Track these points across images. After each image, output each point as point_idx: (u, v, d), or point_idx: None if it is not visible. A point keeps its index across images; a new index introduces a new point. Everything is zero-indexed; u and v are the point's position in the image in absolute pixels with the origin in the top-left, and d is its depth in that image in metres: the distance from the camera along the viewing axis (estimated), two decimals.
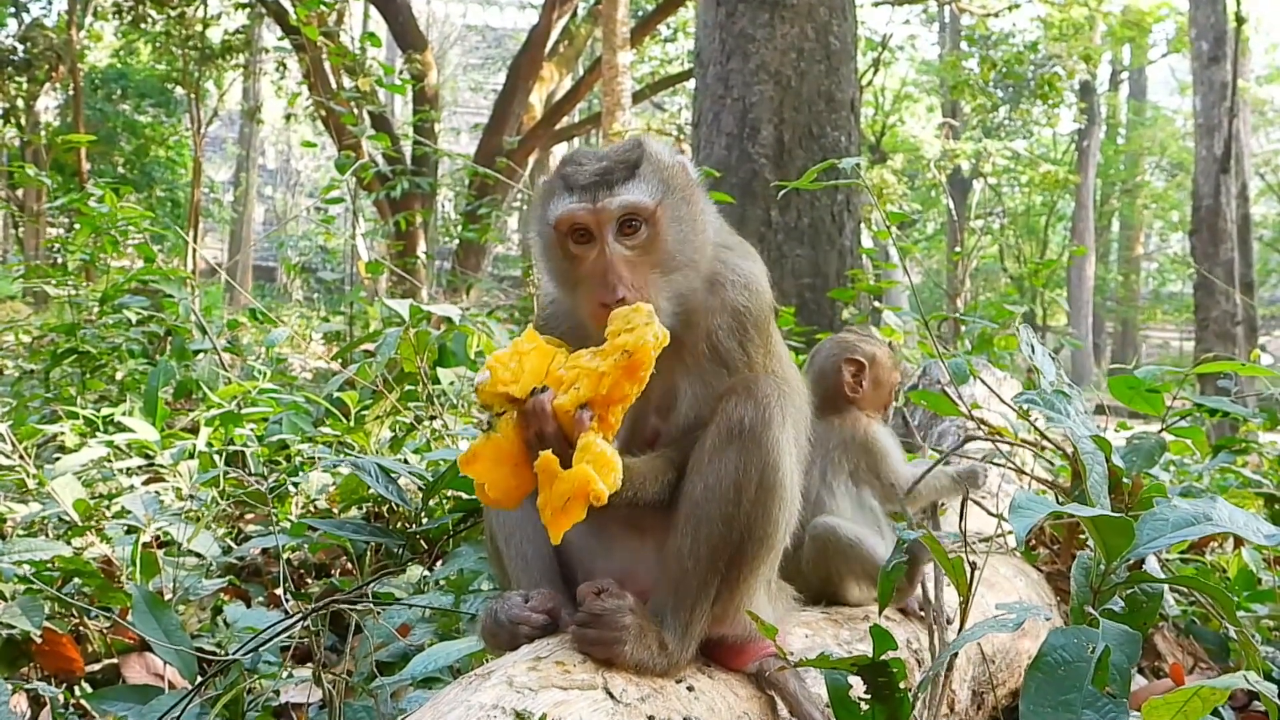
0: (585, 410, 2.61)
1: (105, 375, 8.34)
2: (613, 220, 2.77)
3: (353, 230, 12.10)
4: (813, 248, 11.56)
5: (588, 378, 2.63)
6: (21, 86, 27.79)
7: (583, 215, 2.78)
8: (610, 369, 2.60)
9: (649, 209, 2.79)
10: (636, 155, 2.85)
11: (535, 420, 2.64)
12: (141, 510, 4.63)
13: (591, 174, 2.81)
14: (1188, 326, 46.78)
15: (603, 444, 2.58)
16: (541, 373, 2.71)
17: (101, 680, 4.12)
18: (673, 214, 2.84)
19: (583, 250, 2.81)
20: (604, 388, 2.61)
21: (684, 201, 2.88)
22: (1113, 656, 2.21)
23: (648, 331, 2.62)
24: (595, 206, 2.77)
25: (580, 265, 2.81)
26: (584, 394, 2.62)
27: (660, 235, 2.80)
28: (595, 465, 2.53)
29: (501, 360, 2.74)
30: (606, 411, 2.62)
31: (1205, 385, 11.45)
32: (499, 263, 38.94)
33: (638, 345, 2.60)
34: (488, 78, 57.21)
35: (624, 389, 2.61)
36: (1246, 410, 5.46)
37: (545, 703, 2.33)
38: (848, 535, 3.75)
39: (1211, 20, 21.38)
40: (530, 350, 2.76)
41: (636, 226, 2.78)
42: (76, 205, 8.72)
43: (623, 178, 2.80)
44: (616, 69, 16.47)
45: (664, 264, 2.81)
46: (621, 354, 2.60)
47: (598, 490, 2.51)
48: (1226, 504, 2.57)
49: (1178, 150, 49.69)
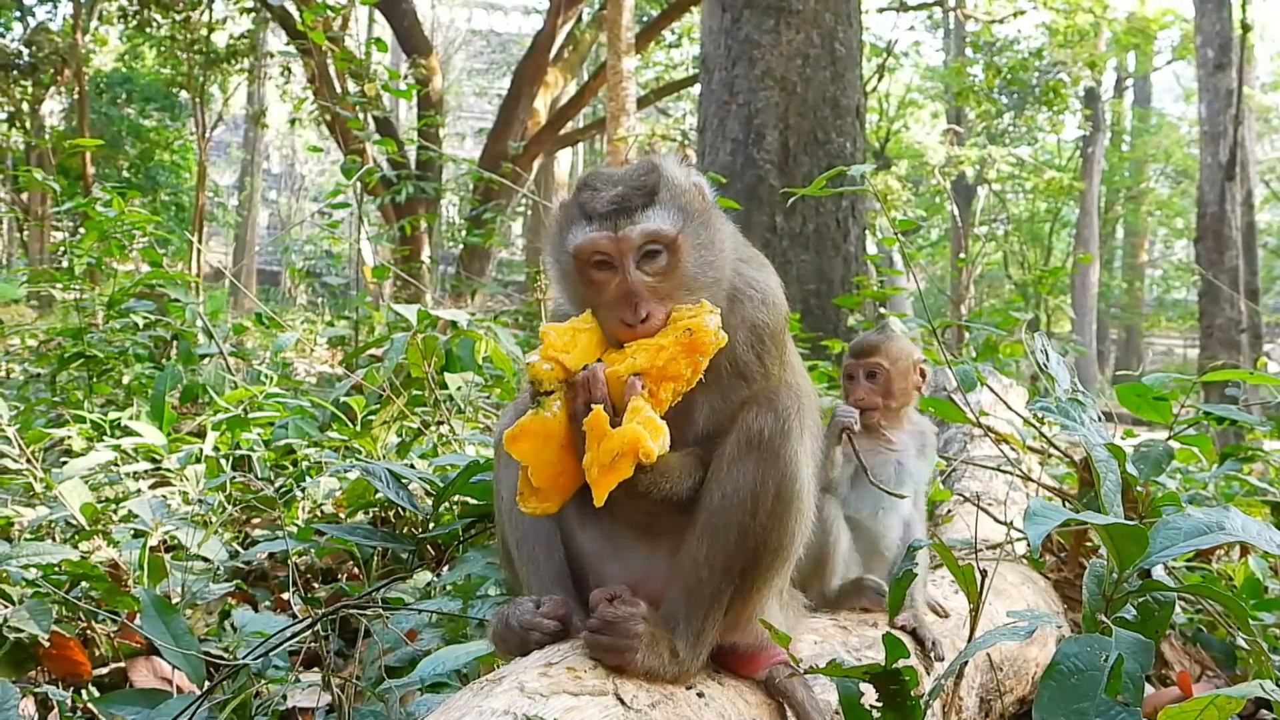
0: (638, 378, 2.63)
1: (112, 379, 8.35)
2: (634, 249, 2.75)
3: (358, 235, 12.11)
4: (818, 253, 11.58)
5: (645, 350, 2.65)
6: (27, 90, 27.82)
7: (604, 244, 2.76)
8: (670, 344, 2.63)
9: (670, 237, 2.76)
10: (654, 180, 2.82)
11: (586, 388, 2.65)
12: (149, 514, 4.63)
13: (609, 201, 2.78)
14: (1192, 333, 46.76)
15: (650, 410, 2.60)
16: (595, 353, 2.73)
17: (109, 684, 4.12)
18: (693, 240, 2.82)
19: (604, 277, 2.79)
20: (661, 359, 2.63)
21: (703, 226, 2.86)
22: (1125, 665, 2.21)
23: (711, 320, 2.65)
24: (616, 236, 2.75)
25: (602, 291, 2.79)
26: (640, 364, 2.64)
27: (681, 261, 2.78)
28: (645, 426, 2.55)
29: (556, 329, 2.75)
30: (659, 386, 2.64)
31: (1211, 393, 11.43)
32: (503, 267, 39.02)
33: (700, 327, 2.62)
34: (492, 83, 57.24)
35: (680, 366, 2.63)
36: (1253, 418, 5.46)
37: (556, 708, 2.33)
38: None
39: (1217, 27, 21.37)
40: (586, 330, 2.78)
41: (657, 254, 2.76)
42: (83, 209, 8.74)
43: (642, 204, 2.77)
44: (621, 74, 16.47)
45: (686, 286, 2.79)
46: (684, 332, 2.63)
47: (648, 448, 2.53)
48: (1239, 513, 2.57)
49: (1182, 157, 49.64)
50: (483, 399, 7.06)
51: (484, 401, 7.09)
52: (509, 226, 35.08)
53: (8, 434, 5.35)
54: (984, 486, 5.67)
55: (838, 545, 3.78)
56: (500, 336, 7.08)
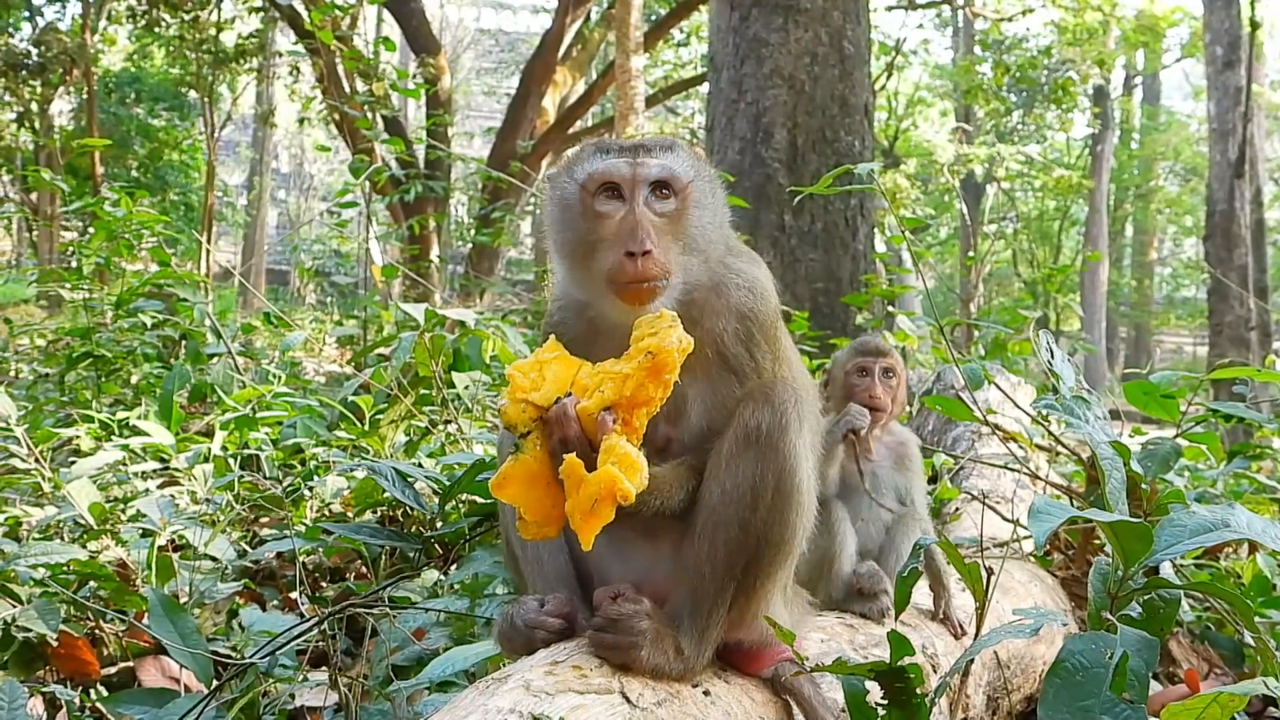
0: (608, 413, 2.61)
1: (120, 379, 8.36)
2: (648, 181, 2.82)
3: (366, 234, 12.11)
4: (826, 252, 11.56)
5: (612, 381, 2.63)
6: (36, 90, 27.85)
7: (620, 170, 2.82)
8: (634, 371, 2.61)
9: (683, 181, 2.87)
10: (672, 141, 2.95)
11: (559, 427, 2.64)
12: (157, 514, 4.64)
13: (628, 143, 2.89)
14: (1201, 332, 46.67)
15: (626, 445, 2.58)
16: (566, 382, 2.71)
17: (117, 684, 4.13)
18: (699, 196, 2.91)
19: (610, 209, 2.83)
20: (628, 389, 2.61)
21: (710, 191, 2.97)
22: (1131, 662, 2.20)
23: (672, 335, 2.62)
24: (635, 162, 2.83)
25: (604, 224, 2.83)
26: (608, 397, 2.62)
27: (687, 211, 2.86)
28: (621, 466, 2.53)
29: (521, 369, 2.73)
30: (631, 415, 2.62)
31: (1219, 390, 11.41)
32: (512, 267, 39.02)
33: (661, 347, 2.60)
34: (501, 82, 57.22)
35: (648, 391, 2.61)
36: (1262, 416, 5.45)
37: (562, 707, 2.33)
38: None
39: (1226, 25, 21.34)
40: (552, 360, 2.76)
41: (669, 194, 2.84)
42: (92, 209, 8.75)
43: (661, 149, 2.89)
44: (630, 73, 16.46)
45: (684, 239, 2.85)
46: (645, 356, 2.60)
47: (624, 489, 2.51)
48: (1245, 510, 2.56)
49: (1191, 155, 49.54)
50: (490, 398, 7.06)
51: (491, 400, 7.09)
52: (518, 225, 35.08)
53: (16, 434, 5.37)
54: (991, 484, 5.67)
55: (843, 547, 3.79)
56: (508, 336, 7.10)
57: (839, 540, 3.78)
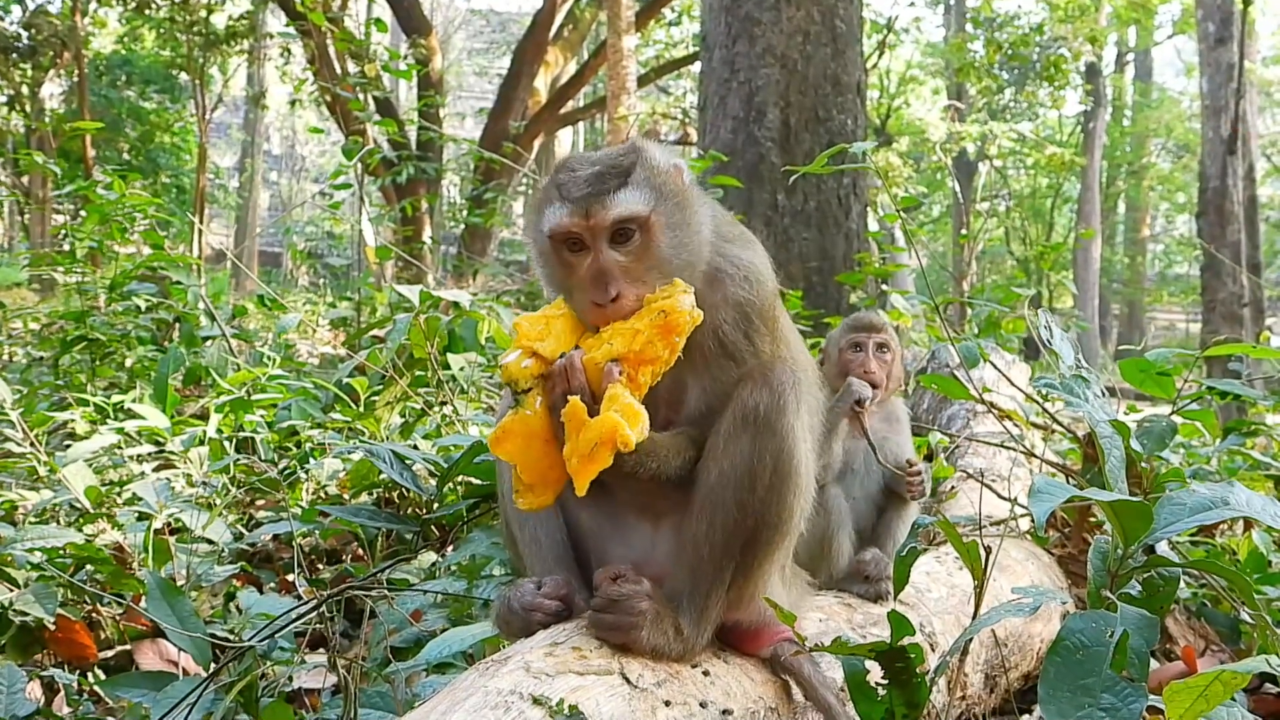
0: (615, 364, 2.64)
1: (114, 362, 8.36)
2: (605, 231, 2.76)
3: (359, 216, 12.09)
4: (819, 231, 11.55)
5: (621, 336, 2.66)
6: (26, 73, 27.75)
7: (575, 227, 2.78)
8: (645, 327, 2.64)
9: (642, 217, 2.78)
10: (630, 162, 2.84)
11: (563, 378, 2.67)
12: (153, 497, 4.63)
13: (584, 182, 2.79)
14: (1194, 308, 46.65)
15: (630, 397, 2.60)
16: (572, 338, 2.74)
17: (115, 667, 4.14)
18: (666, 220, 2.82)
19: (577, 258, 2.81)
20: (637, 344, 2.64)
21: (678, 207, 2.87)
22: (1131, 640, 2.21)
23: (685, 299, 2.66)
24: (587, 219, 2.76)
25: (575, 272, 2.82)
26: (617, 349, 2.65)
27: (654, 241, 2.80)
28: (623, 414, 2.56)
29: (529, 320, 2.76)
30: (637, 371, 2.65)
31: (1214, 367, 11.42)
32: (505, 247, 38.92)
33: (674, 308, 2.64)
34: (492, 62, 57.10)
35: (657, 349, 2.64)
36: (1257, 393, 5.46)
37: (562, 688, 2.34)
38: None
39: (1218, 1, 21.29)
40: (559, 316, 2.80)
41: (630, 234, 2.78)
42: (84, 192, 8.73)
43: (616, 186, 2.79)
44: (621, 53, 16.41)
45: (659, 267, 2.80)
46: (658, 314, 2.64)
47: (625, 436, 2.53)
48: (1243, 488, 2.56)
49: (1184, 132, 49.50)
50: (486, 379, 7.06)
51: (487, 382, 7.09)
52: (510, 206, 34.96)
53: (11, 418, 5.36)
54: (987, 463, 5.67)
55: (841, 528, 3.80)
56: (503, 316, 7.08)
57: (835, 520, 3.79)
